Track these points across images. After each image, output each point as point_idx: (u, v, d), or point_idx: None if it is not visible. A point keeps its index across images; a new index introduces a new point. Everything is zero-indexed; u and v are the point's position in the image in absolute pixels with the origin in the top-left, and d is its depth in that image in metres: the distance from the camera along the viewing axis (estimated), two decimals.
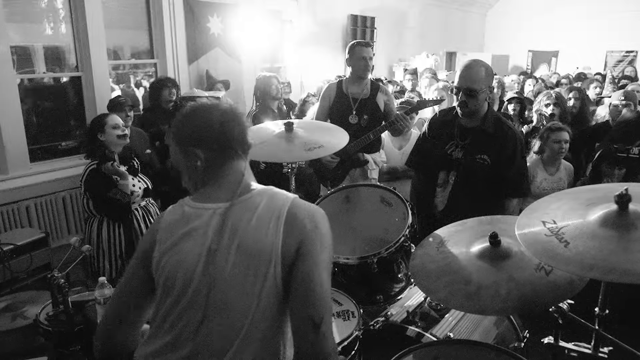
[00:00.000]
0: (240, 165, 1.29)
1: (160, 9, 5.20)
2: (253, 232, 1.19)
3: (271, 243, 1.18)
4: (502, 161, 2.49)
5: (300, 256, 1.18)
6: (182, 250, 1.22)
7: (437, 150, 2.64)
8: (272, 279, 1.18)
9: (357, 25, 8.54)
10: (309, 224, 1.21)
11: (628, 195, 1.29)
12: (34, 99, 4.54)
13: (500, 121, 2.59)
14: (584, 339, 1.65)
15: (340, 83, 3.59)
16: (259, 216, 1.21)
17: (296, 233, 1.19)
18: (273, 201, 1.24)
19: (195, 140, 1.25)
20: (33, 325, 2.15)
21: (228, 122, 1.26)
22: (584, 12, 10.83)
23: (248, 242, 1.19)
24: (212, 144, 1.25)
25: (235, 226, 1.21)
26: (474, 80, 2.42)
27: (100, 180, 2.87)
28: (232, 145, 1.27)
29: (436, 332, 1.87)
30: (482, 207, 2.42)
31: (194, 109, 1.29)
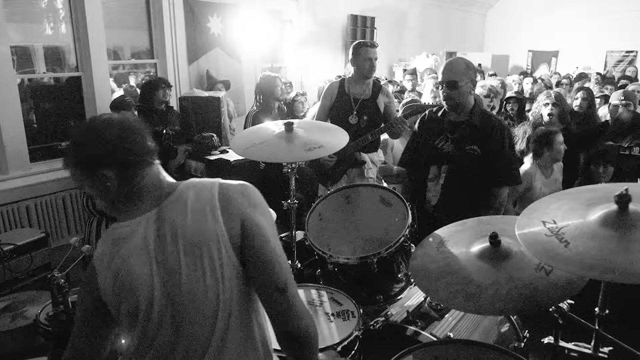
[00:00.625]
0: (153, 170, 1.25)
1: (160, 9, 5.21)
2: (192, 226, 1.18)
3: (214, 230, 1.17)
4: (492, 151, 2.56)
5: (247, 234, 1.19)
6: (131, 274, 1.18)
7: (427, 146, 2.71)
8: (229, 263, 1.18)
9: (357, 25, 8.55)
10: (243, 200, 1.22)
11: (628, 195, 1.29)
12: (34, 99, 4.54)
13: (487, 114, 2.72)
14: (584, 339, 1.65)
15: (342, 82, 3.60)
16: (193, 209, 1.19)
17: (235, 213, 1.19)
18: (201, 191, 1.22)
19: (99, 162, 1.18)
20: (33, 325, 2.15)
21: (127, 134, 1.20)
22: (584, 12, 10.83)
23: (192, 238, 1.17)
24: (118, 161, 1.19)
25: (173, 227, 1.19)
26: (455, 72, 2.55)
27: None
28: (138, 156, 1.22)
29: (436, 332, 1.87)
30: (474, 198, 2.59)
31: (87, 130, 1.22)
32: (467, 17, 12.05)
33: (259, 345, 1.26)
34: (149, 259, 1.18)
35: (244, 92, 6.16)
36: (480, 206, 2.58)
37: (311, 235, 2.26)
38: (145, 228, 1.20)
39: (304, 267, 2.60)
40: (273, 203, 2.57)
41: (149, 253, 1.18)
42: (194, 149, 4.10)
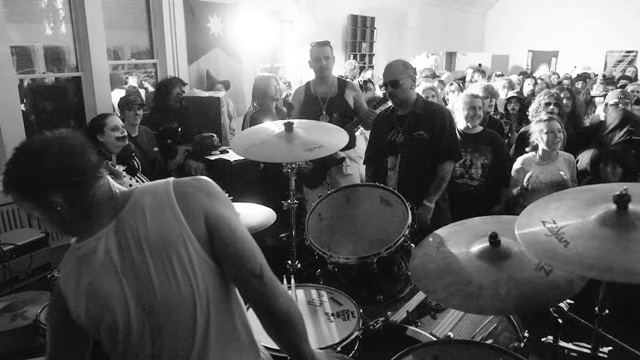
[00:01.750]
0: (103, 183, 1.19)
1: (160, 9, 5.21)
2: (155, 231, 1.15)
3: (178, 231, 1.15)
4: (436, 133, 2.91)
5: (212, 227, 1.17)
6: (102, 293, 1.15)
7: (383, 141, 3.03)
8: (199, 261, 1.16)
9: (357, 25, 8.56)
10: (201, 195, 1.20)
11: (628, 195, 1.29)
12: (34, 99, 4.54)
13: (428, 103, 3.09)
14: (584, 339, 1.66)
15: (308, 85, 3.64)
16: (152, 214, 1.16)
17: (195, 209, 1.17)
18: (156, 193, 1.19)
19: (43, 189, 1.11)
20: (33, 325, 2.15)
21: (68, 153, 1.12)
22: (584, 12, 10.84)
23: (157, 243, 1.14)
24: (64, 183, 1.11)
25: (135, 236, 1.15)
26: (395, 73, 2.88)
27: None
28: (84, 173, 1.14)
29: (436, 332, 1.87)
30: (425, 179, 2.93)
31: (24, 156, 1.13)
32: (467, 17, 12.06)
33: (243, 335, 1.26)
34: (116, 273, 1.15)
35: (243, 92, 6.16)
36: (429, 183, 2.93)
37: (311, 235, 2.26)
38: (106, 243, 1.16)
39: (304, 267, 2.60)
40: (273, 203, 2.60)
41: (115, 267, 1.15)
42: (194, 149, 4.10)
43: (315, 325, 1.83)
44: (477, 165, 3.43)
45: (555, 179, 3.32)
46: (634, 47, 10.85)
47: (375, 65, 9.14)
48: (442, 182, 2.95)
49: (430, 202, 2.92)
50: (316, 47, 3.53)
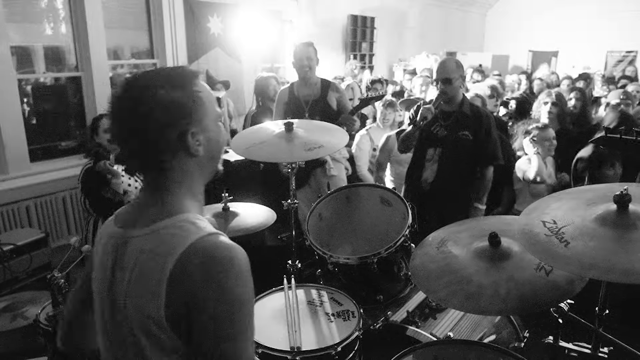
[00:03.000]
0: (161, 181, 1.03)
1: (160, 9, 5.21)
2: (135, 289, 0.96)
3: (153, 310, 0.92)
4: (480, 136, 2.98)
5: (197, 325, 0.91)
6: (97, 276, 1.06)
7: (424, 131, 3.05)
8: (163, 341, 0.94)
9: (357, 25, 8.56)
10: (202, 289, 0.90)
11: (628, 195, 1.29)
12: (34, 99, 4.54)
13: (475, 105, 3.16)
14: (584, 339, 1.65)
15: (291, 87, 3.61)
16: (143, 268, 0.95)
17: (180, 293, 0.91)
18: (161, 249, 0.94)
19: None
20: (33, 325, 2.15)
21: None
22: (584, 12, 10.83)
23: (131, 302, 0.97)
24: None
25: (124, 272, 0.98)
26: (448, 71, 2.94)
27: (95, 178, 2.88)
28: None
29: (436, 332, 1.87)
30: (464, 177, 3.01)
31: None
32: (467, 17, 12.06)
33: None
34: (104, 279, 1.03)
35: (243, 92, 6.16)
36: (470, 183, 3.04)
37: (311, 235, 2.26)
38: (112, 252, 1.02)
39: (304, 267, 2.60)
40: (273, 203, 2.60)
41: (105, 277, 1.03)
42: None
43: (315, 325, 1.82)
44: None
45: (549, 183, 3.37)
46: (634, 47, 10.84)
47: (376, 65, 9.14)
48: (489, 184, 3.07)
49: (482, 204, 3.08)
50: (299, 47, 3.49)
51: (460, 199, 3.02)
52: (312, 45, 3.52)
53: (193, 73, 1.03)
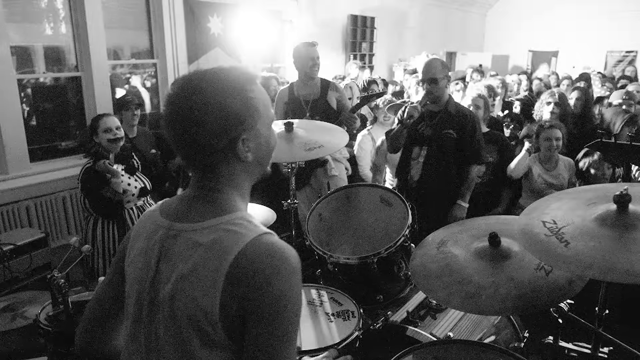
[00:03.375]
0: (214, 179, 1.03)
1: (160, 9, 5.21)
2: (186, 282, 0.95)
3: (207, 303, 0.92)
4: (465, 135, 3.03)
5: (249, 323, 0.92)
6: (135, 268, 1.05)
7: (410, 130, 3.09)
8: (211, 337, 0.94)
9: (357, 25, 8.55)
10: (260, 285, 0.91)
11: (628, 195, 1.29)
12: (33, 99, 4.54)
13: (459, 105, 3.22)
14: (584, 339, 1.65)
15: (291, 86, 3.63)
16: (198, 262, 0.95)
17: (239, 295, 0.91)
18: (220, 245, 0.94)
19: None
20: (33, 325, 2.15)
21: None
22: (584, 12, 10.83)
23: (181, 295, 0.96)
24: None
25: (172, 265, 0.98)
26: (433, 71, 2.99)
27: (94, 178, 2.88)
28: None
29: (436, 332, 1.87)
30: (449, 174, 3.06)
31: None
32: (467, 17, 12.06)
33: None
34: (148, 270, 1.02)
35: None
36: (455, 181, 3.07)
37: (311, 235, 2.26)
38: (159, 241, 1.02)
39: (304, 267, 2.60)
40: (273, 203, 2.60)
41: (150, 267, 1.02)
42: None
43: (315, 325, 1.82)
44: None
45: (554, 184, 3.38)
46: (634, 47, 10.84)
47: (376, 65, 9.14)
48: (472, 183, 3.12)
49: (465, 202, 3.09)
50: (303, 47, 3.49)
51: (445, 197, 3.05)
52: (317, 45, 3.54)
53: (249, 78, 1.03)
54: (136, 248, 1.06)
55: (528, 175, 3.44)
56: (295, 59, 3.52)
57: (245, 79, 1.02)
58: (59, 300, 1.97)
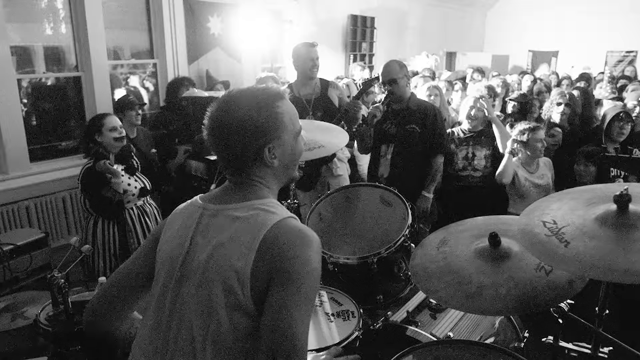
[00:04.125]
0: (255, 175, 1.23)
1: (160, 9, 5.21)
2: (223, 249, 1.11)
3: (241, 265, 1.08)
4: (427, 127, 3.20)
5: (273, 286, 1.06)
6: (170, 246, 1.20)
7: (377, 130, 3.27)
8: (239, 299, 1.08)
9: (357, 25, 8.55)
10: (288, 253, 1.07)
11: (628, 195, 1.29)
12: (34, 99, 4.54)
13: (420, 100, 3.42)
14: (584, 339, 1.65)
15: (290, 87, 3.62)
16: (236, 232, 1.12)
17: (269, 259, 1.07)
18: (256, 220, 1.12)
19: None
20: (33, 325, 2.15)
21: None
22: (584, 12, 10.82)
23: (216, 259, 1.11)
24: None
25: (209, 237, 1.14)
26: (392, 73, 3.19)
27: (95, 178, 2.87)
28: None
29: (436, 332, 1.87)
30: (416, 169, 3.22)
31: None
32: (467, 17, 12.06)
33: None
34: (183, 244, 1.18)
35: None
36: (422, 174, 3.23)
37: None
38: (200, 217, 1.19)
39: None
40: None
41: (186, 240, 1.18)
42: (194, 149, 4.10)
43: (315, 325, 1.83)
44: (480, 156, 3.52)
45: (541, 184, 3.36)
46: (634, 47, 10.84)
47: (376, 65, 9.14)
48: (437, 174, 3.29)
49: (429, 193, 3.24)
50: (303, 48, 3.51)
51: (413, 190, 3.13)
52: (316, 46, 3.57)
53: (276, 95, 1.22)
54: (172, 229, 1.23)
55: (514, 180, 3.35)
56: (295, 59, 3.53)
57: (273, 96, 1.20)
58: (59, 300, 1.97)
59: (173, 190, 4.03)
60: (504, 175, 3.32)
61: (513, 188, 3.40)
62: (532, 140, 3.34)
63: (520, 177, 3.37)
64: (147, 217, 3.14)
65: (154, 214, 3.22)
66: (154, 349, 1.16)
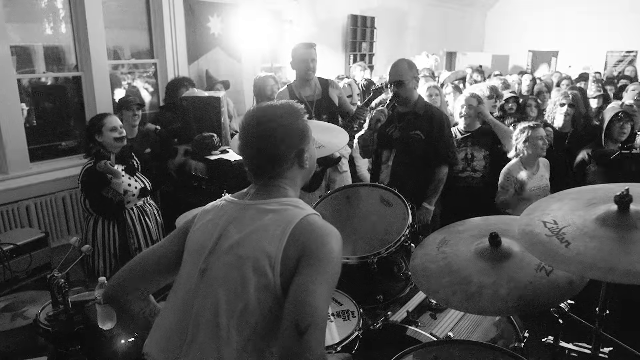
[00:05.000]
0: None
1: (160, 9, 5.20)
2: (256, 234, 1.23)
3: (273, 249, 1.20)
4: (433, 135, 2.97)
5: (300, 267, 1.18)
6: (201, 233, 1.32)
7: (380, 134, 3.07)
8: (268, 280, 1.19)
9: (357, 25, 8.55)
10: (316, 241, 1.21)
11: (629, 195, 1.29)
12: (34, 99, 4.54)
13: (429, 105, 3.16)
14: (584, 339, 1.65)
15: (290, 88, 3.58)
16: (268, 222, 1.24)
17: (299, 246, 1.20)
18: (287, 212, 1.26)
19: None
20: (33, 325, 2.15)
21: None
22: (584, 12, 10.82)
23: (250, 242, 1.23)
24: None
25: (242, 226, 1.26)
26: (400, 73, 2.95)
27: (95, 178, 2.87)
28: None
29: (436, 332, 1.87)
30: (418, 176, 2.99)
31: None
32: (467, 17, 12.05)
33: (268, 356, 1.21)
34: (212, 233, 1.29)
35: (243, 92, 6.15)
36: (424, 184, 3.02)
37: None
38: (228, 211, 1.32)
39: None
40: None
41: (215, 230, 1.29)
42: (194, 149, 4.10)
43: None
44: (479, 157, 3.50)
45: (541, 186, 3.34)
46: (634, 47, 10.84)
47: (375, 65, 9.14)
48: (439, 185, 3.06)
49: (430, 205, 3.02)
50: (303, 48, 3.48)
51: (414, 199, 2.85)
52: (315, 47, 3.52)
53: (300, 107, 1.39)
54: (203, 221, 1.35)
55: (522, 189, 3.29)
56: (292, 60, 3.51)
57: (298, 108, 1.38)
58: (59, 300, 1.97)
59: (173, 190, 4.03)
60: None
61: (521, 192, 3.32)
62: (532, 138, 3.31)
63: (521, 181, 3.32)
64: (147, 217, 3.14)
65: (154, 214, 3.22)
66: (177, 323, 1.26)
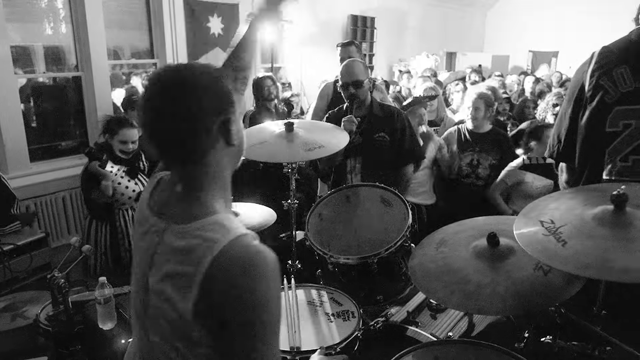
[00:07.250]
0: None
1: (160, 9, 5.21)
2: (166, 284, 0.96)
3: (183, 306, 0.93)
4: (397, 135, 2.84)
5: (224, 329, 0.91)
6: (138, 251, 1.06)
7: None
8: (195, 338, 0.95)
9: (357, 25, 8.56)
10: (231, 289, 0.90)
11: (625, 194, 1.30)
12: (34, 99, 4.54)
13: (382, 104, 2.99)
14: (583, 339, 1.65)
15: (337, 83, 3.59)
16: (176, 263, 0.95)
17: (212, 301, 0.91)
18: (198, 250, 0.92)
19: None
20: (33, 325, 2.15)
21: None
22: (584, 12, 10.83)
23: (161, 296, 0.98)
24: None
25: (159, 264, 0.99)
26: (357, 73, 2.77)
27: (88, 179, 2.91)
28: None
29: (436, 332, 1.87)
30: (388, 182, 2.64)
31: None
32: (467, 17, 12.07)
33: None
34: (146, 259, 1.04)
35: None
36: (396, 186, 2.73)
37: (311, 235, 2.27)
38: (155, 236, 1.02)
39: (304, 267, 2.60)
40: (273, 203, 2.60)
41: (148, 256, 1.03)
42: None
43: (315, 325, 1.83)
44: (485, 165, 3.46)
45: (546, 185, 3.33)
46: None
47: (375, 65, 9.15)
48: (408, 184, 2.97)
49: None
50: (340, 48, 3.63)
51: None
52: (354, 44, 3.67)
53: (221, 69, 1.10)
54: (141, 231, 1.07)
55: (522, 182, 3.29)
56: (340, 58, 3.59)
57: (217, 68, 1.05)
58: (59, 300, 1.97)
59: None
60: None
61: (519, 189, 3.34)
62: (544, 137, 3.28)
63: (529, 179, 3.31)
64: None
65: None
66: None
